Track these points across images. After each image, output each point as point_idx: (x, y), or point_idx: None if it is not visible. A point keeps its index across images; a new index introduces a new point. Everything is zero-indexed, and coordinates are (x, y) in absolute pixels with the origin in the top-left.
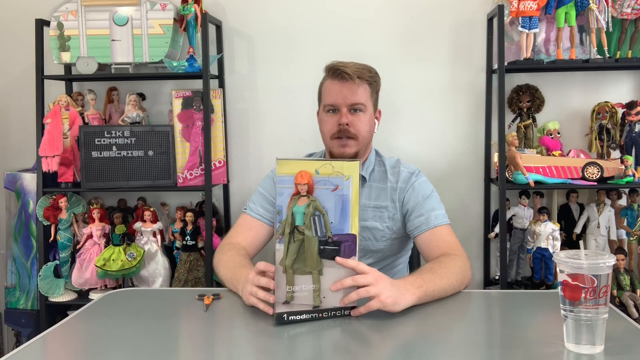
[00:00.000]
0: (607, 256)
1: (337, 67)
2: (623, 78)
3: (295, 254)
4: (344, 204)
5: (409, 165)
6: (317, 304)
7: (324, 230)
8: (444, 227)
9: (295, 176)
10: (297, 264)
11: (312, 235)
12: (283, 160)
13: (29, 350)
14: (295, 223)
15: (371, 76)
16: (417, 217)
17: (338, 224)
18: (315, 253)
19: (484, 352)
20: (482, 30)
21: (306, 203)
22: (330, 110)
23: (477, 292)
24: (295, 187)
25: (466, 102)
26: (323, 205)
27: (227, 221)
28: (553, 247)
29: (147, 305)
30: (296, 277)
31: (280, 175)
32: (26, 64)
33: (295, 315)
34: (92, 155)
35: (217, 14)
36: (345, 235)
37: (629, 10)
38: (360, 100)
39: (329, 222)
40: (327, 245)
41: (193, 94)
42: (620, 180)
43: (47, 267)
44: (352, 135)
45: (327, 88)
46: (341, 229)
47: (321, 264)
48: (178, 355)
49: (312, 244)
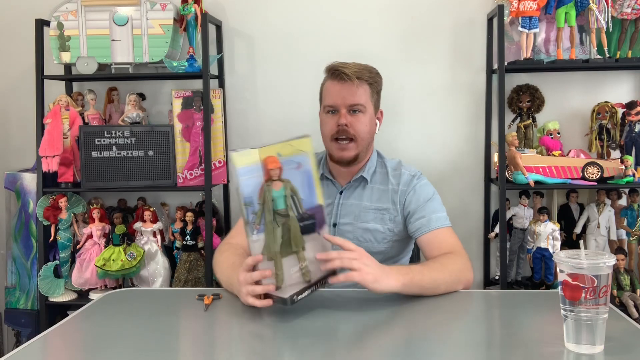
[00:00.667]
0: (608, 256)
1: (336, 67)
2: (623, 78)
3: (281, 238)
4: (309, 179)
5: (411, 168)
6: (308, 279)
7: (300, 207)
8: (445, 230)
9: (263, 163)
10: (282, 246)
11: (294, 214)
12: (239, 153)
13: (29, 350)
14: (278, 207)
15: (371, 76)
16: (418, 219)
17: (307, 198)
18: (299, 231)
19: (483, 352)
20: (482, 30)
21: (282, 186)
22: (329, 111)
23: (477, 292)
24: (267, 173)
25: (466, 102)
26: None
27: (227, 221)
28: (553, 247)
29: (147, 305)
30: (284, 261)
31: (242, 167)
32: (26, 64)
33: (300, 294)
34: (92, 155)
35: (217, 14)
36: (315, 208)
37: (629, 10)
38: (359, 101)
39: (301, 199)
40: (304, 221)
41: (193, 94)
42: (620, 180)
43: (47, 267)
44: (351, 135)
45: (327, 89)
46: (311, 202)
47: (303, 241)
48: (178, 355)
49: (296, 223)
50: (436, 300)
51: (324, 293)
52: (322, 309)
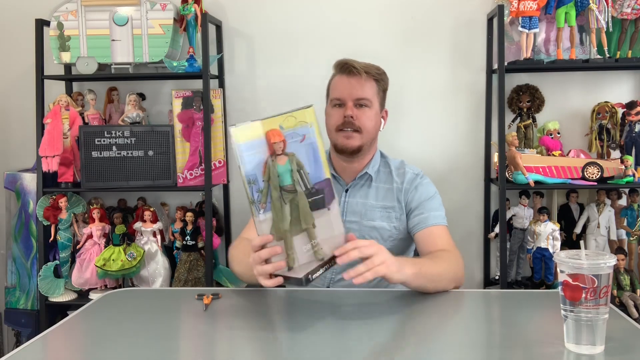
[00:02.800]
0: (608, 256)
1: (345, 61)
2: (623, 78)
3: (290, 215)
4: (315, 152)
5: (413, 167)
6: (321, 256)
7: (307, 182)
8: (441, 228)
9: (266, 137)
10: (292, 225)
11: (302, 189)
12: (239, 127)
13: (29, 350)
14: (284, 183)
15: (379, 74)
16: (416, 215)
17: (314, 172)
18: (307, 207)
19: (484, 351)
20: (482, 30)
21: (287, 160)
22: (336, 105)
23: (477, 292)
24: (270, 147)
25: (466, 102)
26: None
27: (227, 221)
28: (553, 247)
29: (147, 305)
30: (294, 239)
31: (244, 143)
32: (26, 64)
33: (314, 272)
34: (92, 155)
35: (217, 14)
36: (323, 182)
37: (629, 10)
38: (366, 95)
39: (307, 173)
40: (313, 196)
41: (193, 94)
42: (620, 180)
43: (47, 267)
44: (357, 128)
45: (334, 83)
46: (318, 176)
47: (313, 217)
48: (178, 354)
49: (304, 199)
50: (436, 300)
51: (324, 293)
52: (322, 308)
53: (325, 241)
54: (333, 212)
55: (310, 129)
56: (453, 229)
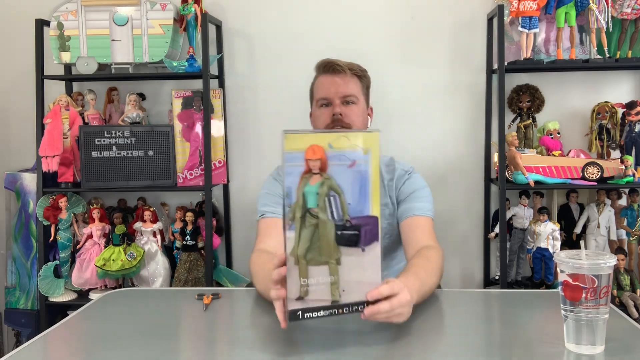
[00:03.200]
0: (608, 256)
1: (327, 61)
2: (623, 78)
3: (309, 242)
4: (363, 182)
5: (403, 163)
6: (336, 299)
7: (341, 212)
8: (425, 218)
9: (305, 151)
10: (311, 253)
11: (328, 218)
12: (292, 134)
13: (29, 350)
14: (307, 205)
15: (362, 71)
16: (402, 205)
17: (357, 205)
18: (332, 239)
19: (484, 351)
20: (482, 30)
21: (319, 182)
22: (323, 105)
23: (477, 292)
24: (306, 163)
25: (466, 102)
26: (339, 184)
27: (227, 221)
28: (553, 247)
29: (147, 305)
30: (310, 269)
31: (290, 152)
32: (26, 64)
33: (311, 312)
34: (92, 155)
35: (217, 14)
36: (365, 218)
37: (629, 10)
38: (352, 92)
39: (345, 203)
40: (345, 230)
41: (193, 94)
42: (620, 180)
43: (47, 267)
44: (346, 125)
45: (318, 83)
46: (360, 210)
47: (339, 252)
48: (177, 355)
49: (328, 229)
50: (436, 300)
51: None
52: None
53: (349, 284)
54: (369, 256)
55: (363, 156)
56: (453, 229)
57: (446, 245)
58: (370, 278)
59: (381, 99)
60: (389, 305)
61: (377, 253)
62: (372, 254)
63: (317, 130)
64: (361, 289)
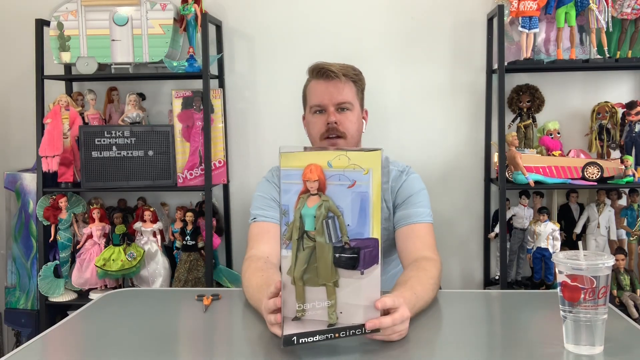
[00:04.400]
0: (606, 257)
1: (321, 66)
2: (623, 78)
3: (306, 264)
4: (363, 203)
5: (398, 163)
6: (333, 322)
7: (339, 234)
8: (425, 225)
9: (303, 171)
10: (308, 274)
11: (326, 241)
12: (287, 153)
13: (29, 350)
14: (305, 227)
15: (356, 74)
16: (400, 211)
17: (356, 227)
18: (330, 262)
19: (484, 352)
20: (482, 30)
21: (317, 204)
22: (317, 112)
23: (477, 292)
24: (304, 184)
25: (466, 102)
26: (338, 205)
27: (227, 221)
28: (553, 247)
29: (147, 305)
30: (308, 290)
31: (286, 169)
32: (26, 64)
33: (306, 337)
34: (92, 155)
35: (217, 14)
36: (366, 240)
37: (629, 10)
38: (347, 98)
39: (345, 225)
40: (344, 253)
41: (193, 94)
42: (620, 180)
43: (47, 267)
44: (341, 133)
45: (312, 89)
46: (360, 232)
47: (337, 275)
48: (177, 355)
49: (326, 252)
50: (436, 300)
51: None
52: None
53: (347, 307)
54: (368, 279)
55: (364, 177)
56: (453, 229)
57: (446, 245)
58: (369, 300)
59: (381, 99)
60: (390, 319)
61: (376, 275)
62: (372, 276)
63: (316, 148)
64: (359, 311)
